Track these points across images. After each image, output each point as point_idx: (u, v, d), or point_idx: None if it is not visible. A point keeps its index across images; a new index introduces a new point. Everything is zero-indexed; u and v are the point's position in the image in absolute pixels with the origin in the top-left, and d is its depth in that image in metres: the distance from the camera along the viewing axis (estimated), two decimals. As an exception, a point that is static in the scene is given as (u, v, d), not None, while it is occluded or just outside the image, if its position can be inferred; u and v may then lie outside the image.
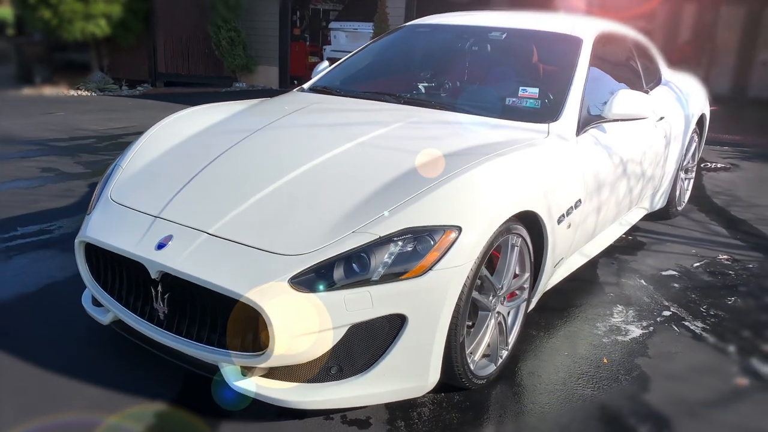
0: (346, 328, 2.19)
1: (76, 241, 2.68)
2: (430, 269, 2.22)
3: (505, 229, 2.50)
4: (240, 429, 2.35)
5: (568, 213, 2.93)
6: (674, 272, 3.97)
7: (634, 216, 4.31)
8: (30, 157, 6.33)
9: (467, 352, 2.48)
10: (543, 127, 3.05)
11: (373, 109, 3.34)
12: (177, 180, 2.73)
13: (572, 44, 3.53)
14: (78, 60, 14.24)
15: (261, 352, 2.17)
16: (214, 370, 2.32)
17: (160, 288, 2.39)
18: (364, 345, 2.24)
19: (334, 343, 2.21)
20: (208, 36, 12.53)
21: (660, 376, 2.80)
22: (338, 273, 2.18)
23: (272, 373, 2.29)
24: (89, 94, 11.98)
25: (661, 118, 4.11)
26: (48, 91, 12.28)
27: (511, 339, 2.81)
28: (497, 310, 2.67)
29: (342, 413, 2.45)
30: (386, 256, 2.21)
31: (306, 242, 2.26)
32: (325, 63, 4.16)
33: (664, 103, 4.29)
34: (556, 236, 2.85)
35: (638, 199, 4.10)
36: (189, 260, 2.31)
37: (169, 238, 2.41)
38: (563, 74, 3.35)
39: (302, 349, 2.17)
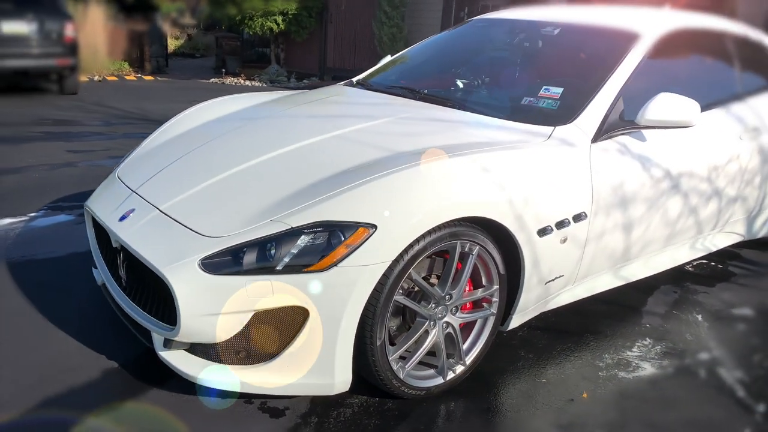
0: (251, 315, 2.17)
1: (84, 207, 2.92)
2: (335, 265, 2.12)
3: (449, 235, 2.31)
4: (155, 396, 2.40)
5: (561, 226, 2.63)
6: (749, 313, 3.40)
7: (720, 241, 3.75)
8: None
9: (392, 358, 2.33)
10: (546, 129, 2.76)
11: (382, 103, 3.24)
12: (164, 161, 2.86)
13: (623, 40, 3.15)
14: (263, 54, 15.35)
15: (173, 327, 2.21)
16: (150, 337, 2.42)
17: (121, 255, 2.54)
18: (270, 334, 2.20)
19: (241, 328, 2.19)
20: (373, 32, 12.89)
21: (640, 424, 2.42)
22: (247, 259, 2.16)
23: (194, 348, 2.32)
24: (261, 84, 12.88)
25: (755, 130, 3.53)
26: (229, 81, 13.41)
27: (473, 354, 2.60)
28: (445, 320, 2.47)
29: (263, 400, 2.42)
30: (293, 247, 2.15)
31: (228, 226, 2.27)
32: (387, 57, 4.11)
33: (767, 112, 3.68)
34: (539, 250, 2.57)
35: (719, 222, 3.56)
36: (135, 233, 2.43)
37: (131, 211, 2.55)
38: (598, 73, 3.00)
39: (208, 329, 2.18)
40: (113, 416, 2.29)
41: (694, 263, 3.97)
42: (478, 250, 2.45)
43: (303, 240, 2.16)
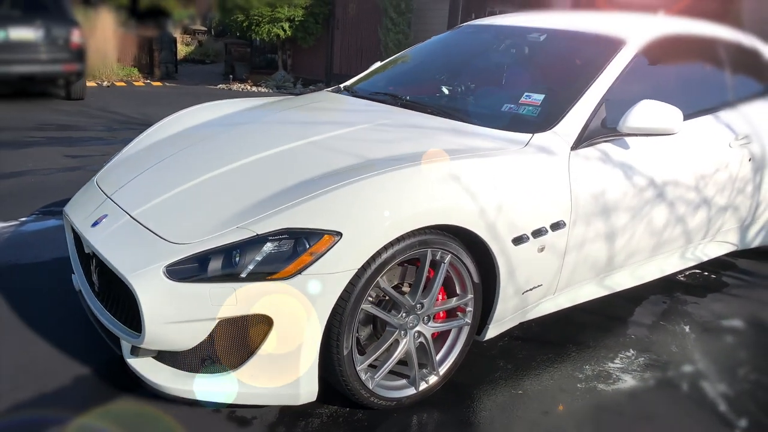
0: (215, 322, 2.14)
1: (63, 213, 2.91)
2: (300, 273, 2.10)
3: (420, 243, 2.28)
4: (121, 404, 2.38)
5: (538, 234, 2.58)
6: (738, 324, 3.33)
7: (712, 251, 3.68)
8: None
9: (360, 368, 2.30)
10: (523, 137, 2.72)
11: (362, 110, 3.22)
12: (140, 167, 2.85)
13: (608, 47, 3.11)
14: (272, 60, 15.40)
15: (139, 334, 2.19)
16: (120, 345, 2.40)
17: (93, 261, 2.53)
18: (235, 342, 2.18)
19: (206, 336, 2.16)
20: (379, 39, 12.89)
21: (615, 436, 2.38)
22: (212, 266, 2.13)
23: (161, 356, 2.30)
24: (267, 90, 12.92)
25: (745, 137, 3.47)
26: (236, 87, 13.46)
27: (447, 364, 2.56)
28: (417, 329, 2.43)
29: (232, 409, 2.39)
30: (258, 254, 2.12)
31: (195, 233, 2.25)
32: (377, 63, 4.09)
33: (760, 119, 3.61)
34: (514, 259, 2.53)
35: (709, 231, 3.50)
36: (105, 239, 2.42)
37: (104, 217, 2.54)
38: (581, 80, 2.96)
39: (173, 337, 2.16)
40: (76, 424, 2.27)
41: (687, 273, 3.91)
42: (450, 259, 2.41)
43: (268, 247, 2.13)
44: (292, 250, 2.13)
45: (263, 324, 2.14)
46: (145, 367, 2.28)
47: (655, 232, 3.13)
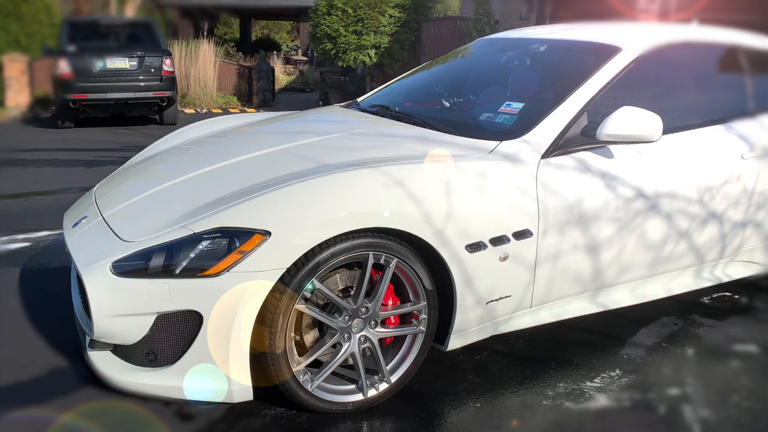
0: (154, 317, 2.24)
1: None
2: (228, 270, 2.16)
3: (363, 245, 2.29)
4: (78, 397, 2.52)
5: (498, 242, 2.52)
6: (751, 350, 3.07)
7: (735, 272, 3.42)
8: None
9: (298, 369, 2.32)
10: (489, 144, 2.67)
11: (348, 120, 3.28)
12: (128, 175, 3.04)
13: (601, 55, 3.00)
14: (363, 87, 15.77)
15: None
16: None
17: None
18: (172, 337, 2.26)
19: (148, 330, 2.26)
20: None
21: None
22: (153, 263, 2.24)
23: (116, 350, 2.42)
24: (351, 115, 13.20)
25: (763, 149, 3.22)
26: (323, 112, 13.83)
27: (400, 372, 2.52)
28: (363, 333, 2.43)
29: (182, 404, 2.47)
30: (192, 252, 2.21)
31: (145, 231, 2.37)
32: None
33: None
34: (471, 266, 2.48)
35: (726, 249, 3.25)
36: (77, 237, 2.60)
37: (84, 218, 2.73)
38: (564, 88, 2.87)
39: (119, 330, 2.28)
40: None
41: (713, 296, 3.64)
42: (397, 263, 2.40)
43: (202, 245, 2.21)
44: (226, 248, 2.20)
45: (195, 320, 2.21)
46: (101, 361, 2.40)
47: (652, 246, 2.96)
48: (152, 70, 9.96)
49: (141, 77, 9.85)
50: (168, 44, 15.09)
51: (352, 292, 2.43)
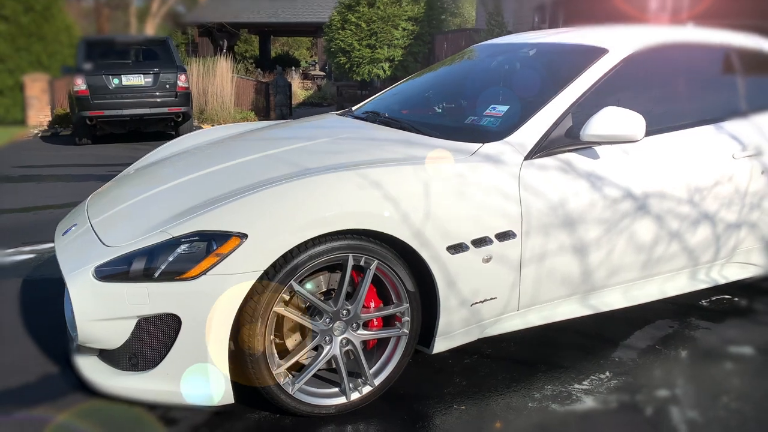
0: (135, 321, 2.27)
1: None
2: (205, 273, 2.19)
3: (339, 247, 2.31)
4: (68, 401, 2.55)
5: (480, 244, 2.53)
6: (746, 352, 3.02)
7: (732, 273, 3.37)
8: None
9: (278, 371, 2.33)
10: (472, 146, 2.68)
11: (337, 126, 3.32)
12: (121, 185, 3.09)
13: (587, 57, 3.00)
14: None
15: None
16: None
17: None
18: (153, 340, 2.29)
19: (130, 334, 2.30)
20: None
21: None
22: (134, 267, 2.27)
23: (102, 354, 2.46)
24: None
25: (755, 149, 3.18)
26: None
27: (383, 375, 2.53)
28: (344, 336, 2.44)
29: (168, 408, 2.49)
30: (170, 256, 2.24)
31: (127, 237, 2.41)
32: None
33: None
34: (453, 268, 2.48)
35: (721, 251, 3.21)
36: (65, 244, 2.65)
37: (74, 226, 2.79)
38: (550, 90, 2.88)
39: (102, 334, 2.31)
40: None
41: (711, 298, 3.59)
42: (378, 265, 2.41)
43: (180, 249, 2.24)
44: (204, 251, 2.23)
45: (174, 324, 2.24)
46: (87, 366, 2.43)
47: (642, 248, 2.94)
48: (167, 86, 10.12)
49: (156, 93, 10.02)
50: (186, 61, 15.36)
51: (334, 295, 2.45)
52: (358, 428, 2.41)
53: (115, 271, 2.28)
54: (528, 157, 2.69)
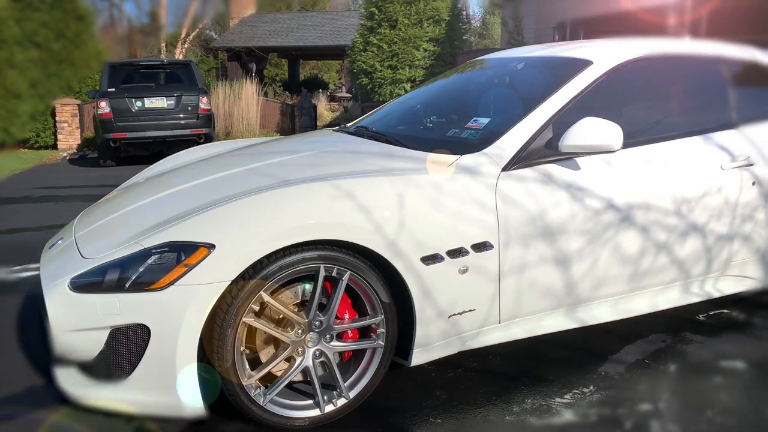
0: (108, 332, 2.31)
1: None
2: (173, 283, 2.22)
3: (310, 258, 2.33)
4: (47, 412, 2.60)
5: (456, 255, 2.52)
6: (738, 366, 2.94)
7: (727, 287, 3.29)
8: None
9: (248, 382, 2.34)
10: (449, 158, 2.68)
11: (324, 140, 3.37)
12: (109, 200, 3.17)
13: (570, 69, 3.00)
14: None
15: (57, 343, 2.42)
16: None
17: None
18: (125, 351, 2.31)
19: (104, 345, 2.33)
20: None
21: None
22: (108, 278, 2.30)
23: (81, 366, 2.49)
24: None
25: (745, 160, 3.13)
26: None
27: (359, 387, 2.52)
28: (317, 347, 2.45)
29: (144, 419, 2.51)
30: (141, 266, 2.28)
31: (103, 249, 2.45)
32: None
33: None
34: (428, 279, 2.48)
35: (713, 263, 3.15)
36: (49, 258, 2.71)
37: (60, 239, 2.86)
38: (533, 102, 2.88)
39: (77, 344, 2.35)
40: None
41: (709, 313, 3.52)
42: (350, 276, 2.42)
43: (150, 260, 2.27)
44: (174, 262, 2.26)
45: (144, 334, 2.26)
46: (65, 377, 2.46)
47: (628, 260, 2.90)
48: (189, 108, 10.32)
49: (178, 115, 10.22)
50: (213, 85, 15.65)
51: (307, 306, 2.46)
52: (330, 440, 2.41)
53: (88, 282, 2.32)
54: (506, 168, 2.68)
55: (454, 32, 14.04)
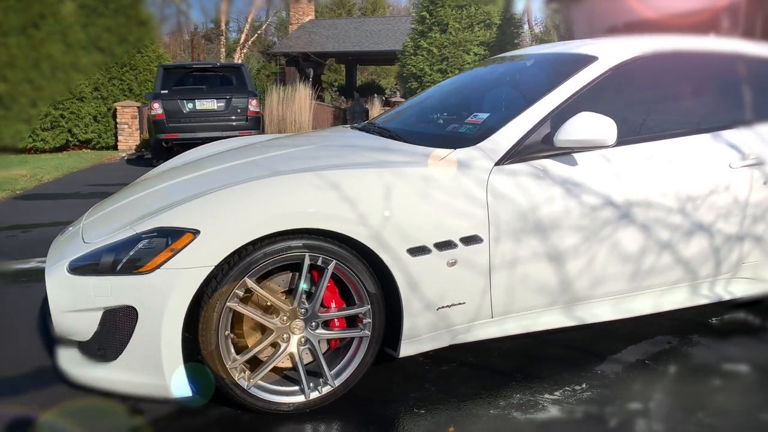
0: (101, 313, 2.41)
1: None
2: (159, 267, 2.31)
3: (295, 246, 2.38)
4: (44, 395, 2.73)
5: (444, 247, 2.54)
6: (741, 369, 2.85)
7: (739, 289, 3.19)
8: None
9: (232, 365, 2.41)
10: (443, 152, 2.70)
11: (326, 135, 3.44)
12: (121, 192, 3.30)
13: (575, 65, 2.97)
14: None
15: (59, 323, 2.55)
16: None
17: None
18: (116, 332, 2.41)
19: (98, 325, 2.44)
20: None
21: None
22: (103, 261, 2.41)
23: (80, 346, 2.61)
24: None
25: (756, 158, 3.03)
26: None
27: (344, 375, 2.56)
28: (303, 335, 2.50)
29: (138, 400, 2.61)
30: (132, 250, 2.38)
31: (102, 234, 2.57)
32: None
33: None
34: (414, 270, 2.50)
35: (722, 264, 3.06)
36: (57, 244, 2.85)
37: (70, 227, 3.01)
38: (531, 97, 2.87)
39: (73, 325, 2.46)
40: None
41: (724, 316, 3.41)
42: (336, 265, 2.47)
43: (140, 244, 2.37)
44: (163, 247, 2.35)
45: (132, 315, 2.36)
46: (65, 357, 2.57)
47: (628, 258, 2.85)
48: (239, 110, 10.59)
49: (228, 117, 10.50)
50: (268, 88, 15.97)
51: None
52: (309, 426, 2.45)
53: (84, 265, 2.43)
54: (500, 163, 2.68)
55: (506, 36, 13.96)
